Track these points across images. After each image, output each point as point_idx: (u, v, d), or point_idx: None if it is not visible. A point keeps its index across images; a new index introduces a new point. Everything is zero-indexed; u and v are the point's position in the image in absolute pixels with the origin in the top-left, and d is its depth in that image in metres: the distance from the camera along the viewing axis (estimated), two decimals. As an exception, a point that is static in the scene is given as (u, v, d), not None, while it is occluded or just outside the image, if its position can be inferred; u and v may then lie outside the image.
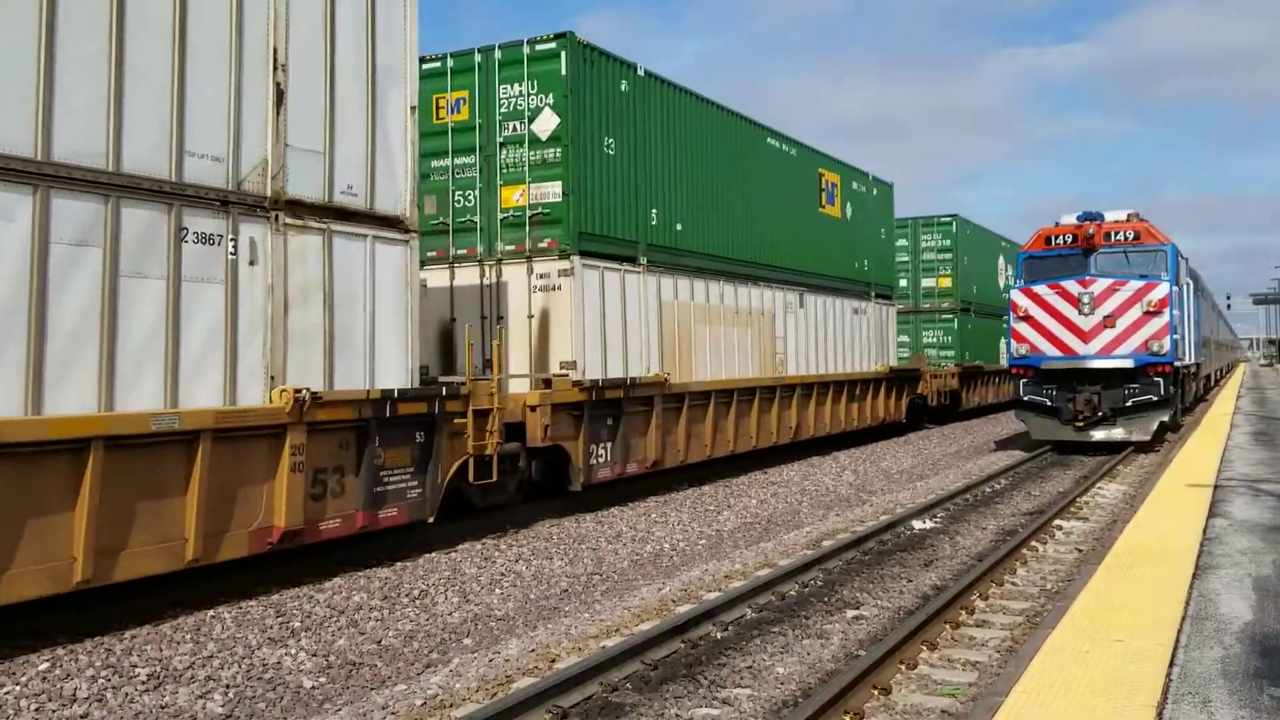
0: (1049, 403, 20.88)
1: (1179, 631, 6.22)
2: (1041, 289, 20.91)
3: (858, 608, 8.90)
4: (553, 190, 13.90)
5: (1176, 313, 20.59)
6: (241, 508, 8.79)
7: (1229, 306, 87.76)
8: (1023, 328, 21.08)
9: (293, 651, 7.77)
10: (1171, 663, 5.61)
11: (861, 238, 24.01)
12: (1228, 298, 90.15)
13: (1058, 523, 12.63)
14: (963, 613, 8.42)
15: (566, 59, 13.86)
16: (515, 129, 14.15)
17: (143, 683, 7.00)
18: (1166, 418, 20.72)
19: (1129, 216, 21.48)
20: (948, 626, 8.02)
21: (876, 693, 6.51)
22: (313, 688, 7.19)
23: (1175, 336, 20.31)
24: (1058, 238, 21.38)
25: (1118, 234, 20.98)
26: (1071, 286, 20.59)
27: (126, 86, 8.04)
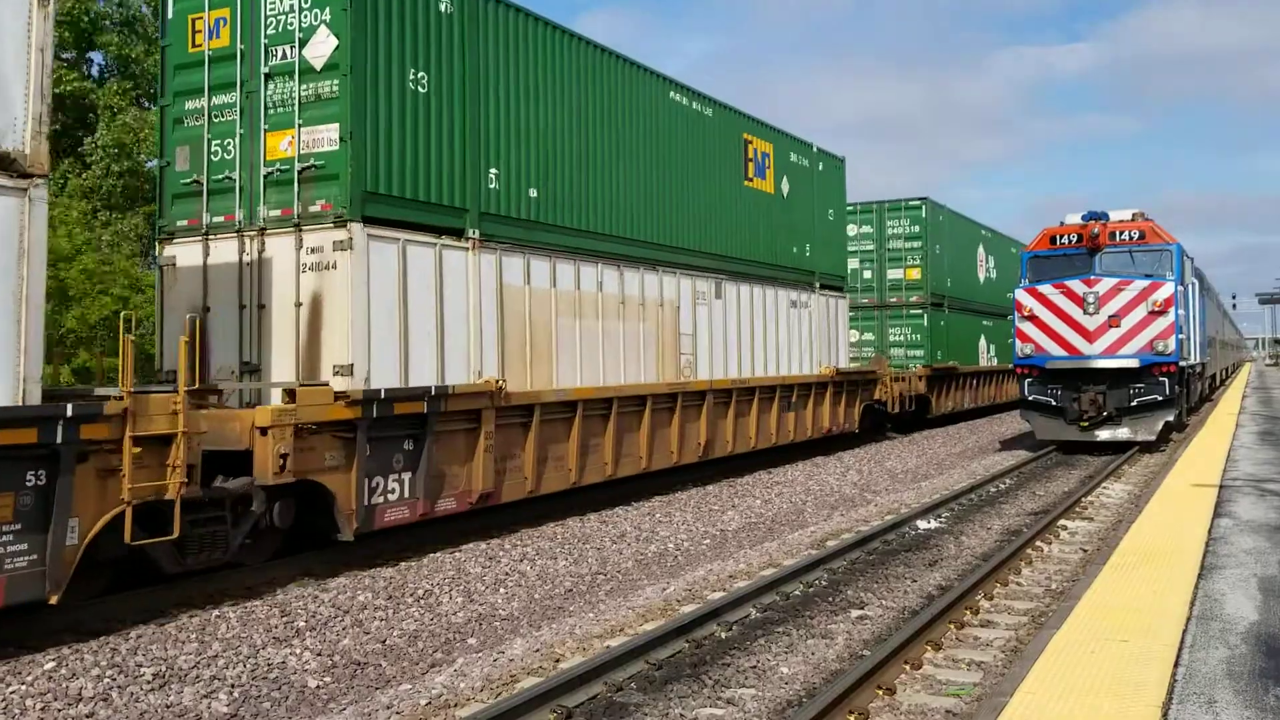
0: (1054, 402, 20.86)
1: (1184, 632, 6.21)
2: (1046, 288, 20.89)
3: (862, 608, 8.90)
4: (328, 135, 10.56)
5: (1181, 312, 20.55)
6: None
7: (1234, 306, 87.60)
8: (1027, 327, 21.06)
9: (298, 651, 7.78)
10: (1177, 663, 5.60)
11: (802, 218, 20.63)
12: (1233, 297, 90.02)
13: (1063, 523, 12.62)
14: (967, 613, 8.41)
15: None
16: (285, 55, 10.82)
17: (148, 682, 7.02)
18: (1172, 417, 20.68)
19: (1134, 216, 21.45)
20: (952, 626, 8.02)
21: (881, 693, 6.51)
22: (317, 687, 7.20)
23: (1180, 336, 20.28)
24: (1063, 237, 21.35)
25: (1123, 233, 20.95)
26: (1076, 286, 20.57)
27: None
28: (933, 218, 28.63)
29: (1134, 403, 20.26)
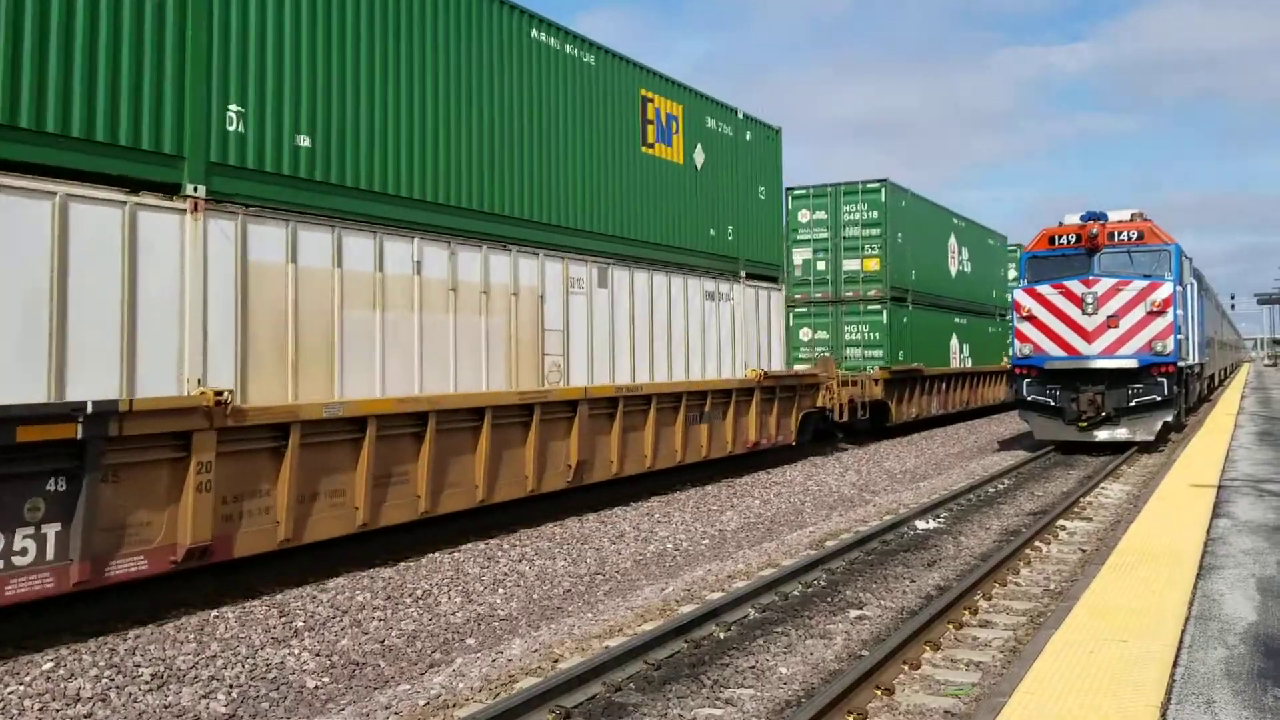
0: (1052, 403, 20.88)
1: (1183, 632, 6.21)
2: (1045, 289, 20.91)
3: (861, 608, 8.90)
4: None
5: (1180, 312, 20.58)
6: None
7: (1233, 306, 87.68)
8: (1026, 328, 21.07)
9: (296, 651, 7.78)
10: (1175, 663, 5.60)
11: (724, 196, 17.64)
12: (1232, 297, 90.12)
13: (1061, 523, 12.62)
14: (966, 613, 8.41)
15: None
16: None
17: (146, 682, 7.02)
18: (1170, 418, 20.70)
19: (1132, 216, 21.48)
20: (951, 627, 8.02)
21: (880, 693, 6.51)
22: (316, 687, 7.20)
23: (1179, 336, 20.30)
24: (1061, 237, 21.37)
25: (1121, 234, 20.97)
26: (1075, 286, 20.58)
27: None
28: (893, 202, 25.55)
29: (1132, 403, 20.28)
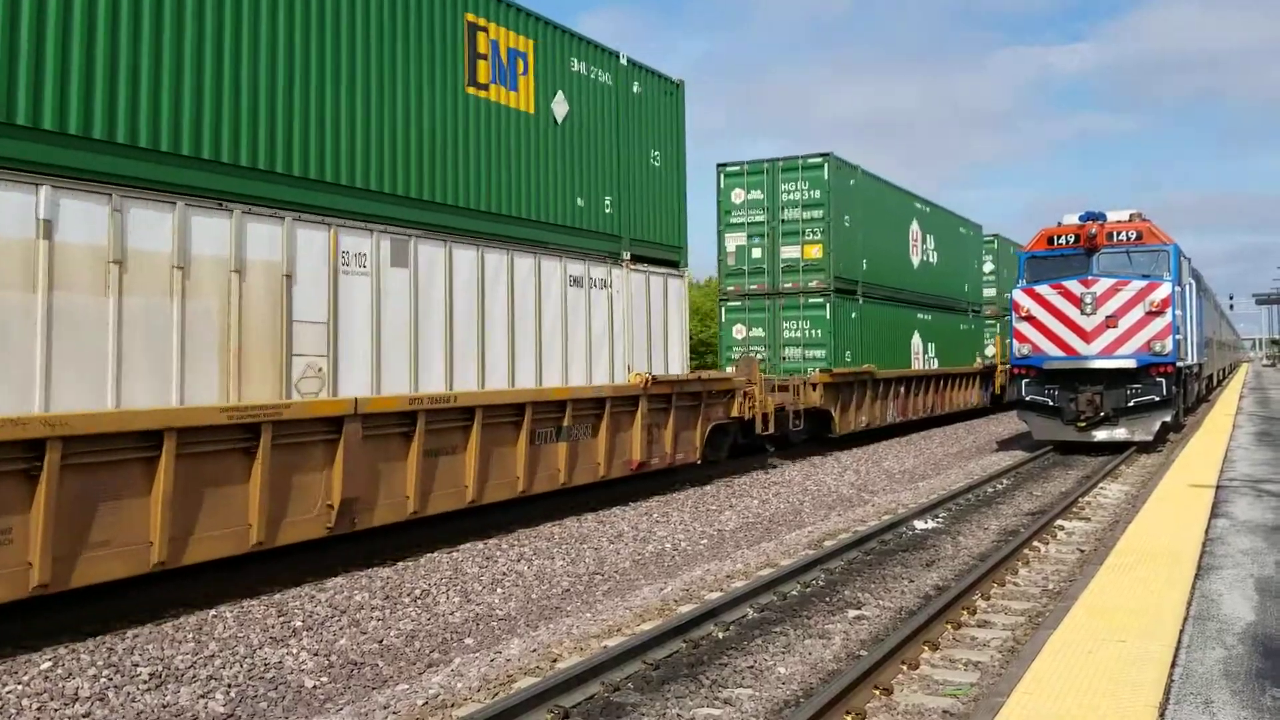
0: (1051, 403, 20.89)
1: (1181, 632, 6.21)
2: (1044, 289, 20.91)
3: (859, 608, 8.90)
4: None
5: (1179, 313, 20.59)
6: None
7: (1232, 307, 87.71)
8: (1025, 328, 21.08)
9: (294, 651, 7.78)
10: (1174, 663, 5.61)
11: (599, 159, 14.41)
12: (1230, 298, 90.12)
13: (1060, 523, 12.62)
14: (964, 613, 8.42)
15: None
16: None
17: (144, 682, 7.01)
18: (1169, 418, 20.71)
19: (1131, 216, 21.48)
20: (949, 627, 8.02)
21: (878, 693, 6.51)
22: (314, 687, 7.20)
23: (1177, 337, 20.31)
24: (1060, 238, 21.38)
25: (1120, 234, 20.98)
26: (1074, 286, 20.59)
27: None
28: (839, 181, 22.60)
29: (1131, 403, 20.29)
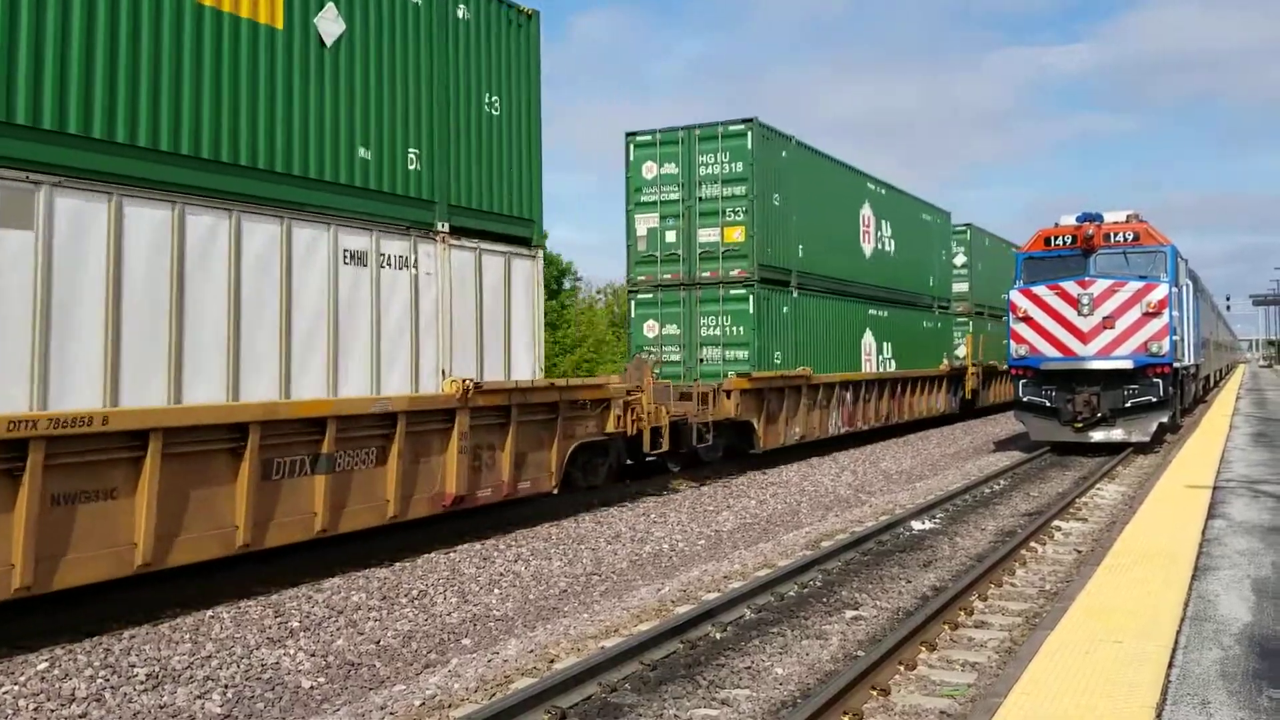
0: (1048, 403, 20.91)
1: (1178, 633, 6.22)
2: (1041, 290, 20.93)
3: (857, 608, 8.90)
4: None
5: (1176, 314, 20.62)
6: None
7: (1229, 307, 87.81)
8: (1022, 328, 21.10)
9: (291, 652, 7.77)
10: (1170, 664, 5.61)
11: (393, 97, 11.10)
12: (1227, 299, 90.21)
13: (1057, 524, 12.63)
14: (962, 614, 8.42)
15: None
16: None
17: (141, 682, 7.00)
18: (1166, 419, 20.74)
19: (1128, 217, 21.50)
20: (947, 627, 8.02)
21: (875, 693, 6.51)
22: (311, 688, 7.19)
23: (1174, 338, 20.34)
24: (1057, 238, 21.40)
25: (1117, 235, 21.01)
26: (1071, 287, 20.61)
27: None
28: (766, 152, 19.26)
29: (1128, 404, 20.31)
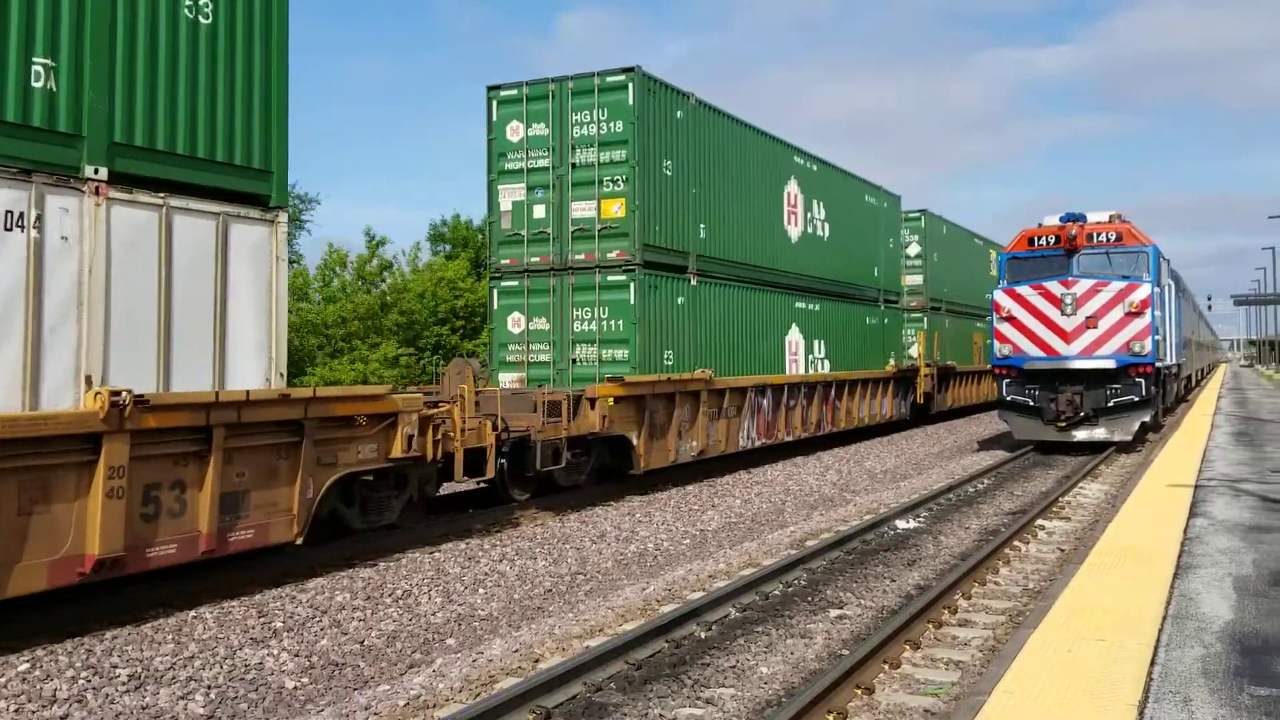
0: (1031, 403, 21.01)
1: (1160, 631, 6.25)
2: (1024, 289, 21.03)
3: (841, 607, 8.92)
4: None
5: (1158, 314, 20.74)
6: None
7: (1210, 307, 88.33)
8: (1005, 328, 21.19)
9: (275, 652, 7.73)
10: (1153, 661, 5.64)
11: None
12: (1209, 299, 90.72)
13: (1040, 522, 12.69)
14: (946, 612, 8.44)
15: None
16: None
17: (123, 683, 6.96)
18: (1148, 418, 20.86)
19: (1111, 218, 21.62)
20: (931, 626, 8.05)
21: (860, 692, 6.52)
22: (295, 688, 7.16)
23: (1157, 337, 20.46)
24: (1040, 239, 21.50)
25: (1100, 235, 21.12)
26: (1054, 287, 20.71)
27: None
28: (652, 109, 16.09)
29: (1111, 403, 20.43)
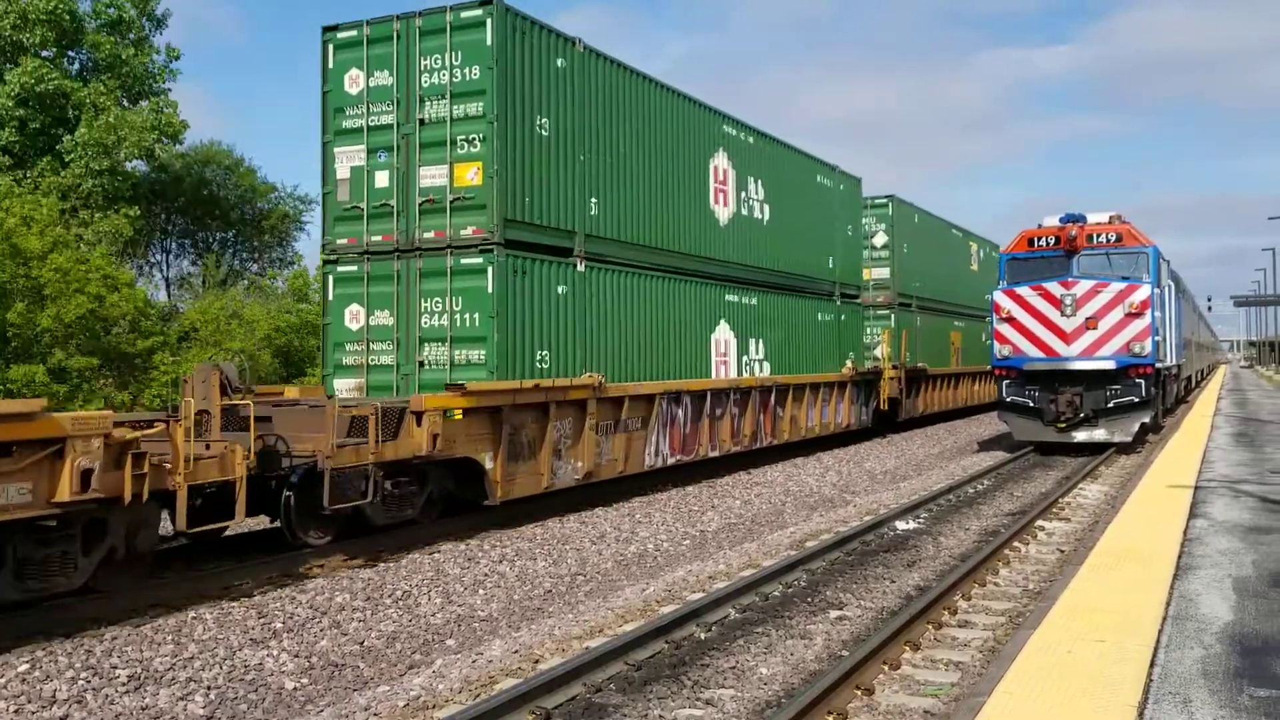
0: (1031, 404, 21.00)
1: (1160, 632, 6.25)
2: (1024, 290, 21.02)
3: (841, 608, 8.92)
4: None
5: (1158, 314, 20.74)
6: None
7: (1210, 308, 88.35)
8: (1005, 329, 21.19)
9: (274, 653, 7.73)
10: (1153, 663, 5.64)
11: None
12: (1209, 299, 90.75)
13: (1040, 523, 12.68)
14: (945, 613, 8.44)
15: None
16: None
17: (123, 684, 6.96)
18: (1148, 419, 20.86)
19: (1111, 218, 21.62)
20: (930, 627, 8.05)
21: (860, 693, 6.52)
22: (294, 689, 7.15)
23: (1157, 338, 20.46)
24: (1040, 239, 21.50)
25: (1100, 236, 21.12)
26: (1054, 288, 20.70)
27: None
28: (518, 52, 13.19)
29: (1111, 404, 20.42)
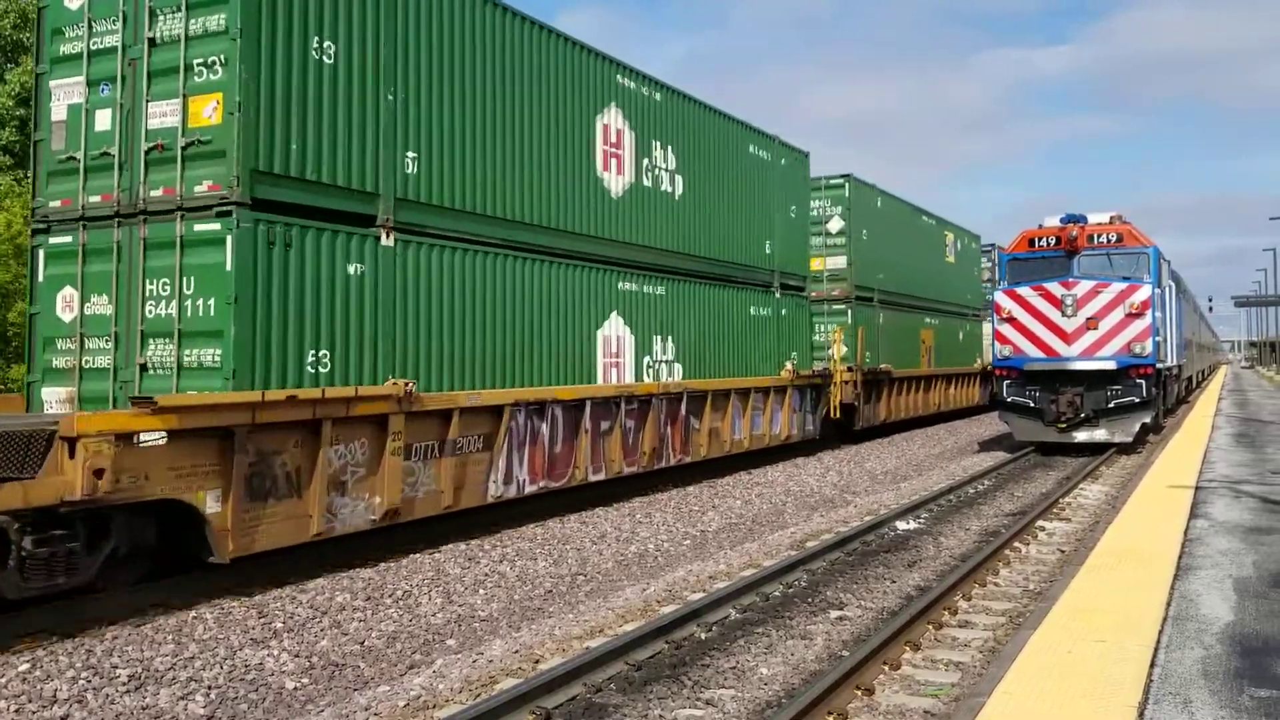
0: (1032, 404, 21.01)
1: (1160, 632, 6.25)
2: (1025, 290, 21.03)
3: (841, 608, 8.92)
4: None
5: (1159, 315, 20.75)
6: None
7: (1211, 309, 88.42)
8: (1006, 329, 21.19)
9: (275, 652, 7.73)
10: (1153, 663, 5.64)
11: None
12: (1209, 300, 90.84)
13: (1040, 524, 12.68)
14: (946, 613, 8.45)
15: None
16: None
17: (124, 684, 6.96)
18: (1149, 419, 20.86)
19: (1112, 219, 21.63)
20: (931, 627, 8.05)
21: (860, 693, 6.53)
22: (295, 689, 7.16)
23: (1157, 339, 20.46)
24: (1041, 240, 21.50)
25: (1100, 236, 21.12)
26: (1055, 288, 20.71)
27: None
28: None
29: (1111, 404, 20.42)
